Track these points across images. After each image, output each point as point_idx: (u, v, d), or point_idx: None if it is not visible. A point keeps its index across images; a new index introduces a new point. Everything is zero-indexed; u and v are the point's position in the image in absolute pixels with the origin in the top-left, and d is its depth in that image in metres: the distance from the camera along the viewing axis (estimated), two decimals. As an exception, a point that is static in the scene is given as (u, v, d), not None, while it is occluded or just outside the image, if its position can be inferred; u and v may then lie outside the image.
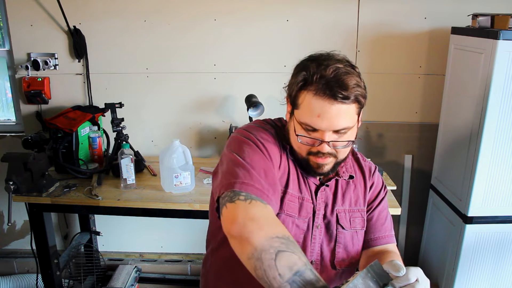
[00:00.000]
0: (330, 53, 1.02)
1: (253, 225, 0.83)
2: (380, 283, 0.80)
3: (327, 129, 0.97)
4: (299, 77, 0.98)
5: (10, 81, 2.57)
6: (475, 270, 2.14)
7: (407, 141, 2.52)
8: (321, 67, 0.95)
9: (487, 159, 1.95)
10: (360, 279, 0.79)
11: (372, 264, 0.81)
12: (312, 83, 0.95)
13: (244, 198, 0.89)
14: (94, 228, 2.65)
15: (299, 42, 2.37)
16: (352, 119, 0.98)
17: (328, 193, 1.13)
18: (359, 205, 1.17)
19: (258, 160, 0.98)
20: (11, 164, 1.89)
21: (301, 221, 1.09)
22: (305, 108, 0.97)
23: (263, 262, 0.78)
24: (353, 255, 1.16)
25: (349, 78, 0.95)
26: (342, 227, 1.13)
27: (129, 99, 2.43)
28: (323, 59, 0.98)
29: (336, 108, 0.94)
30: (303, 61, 1.03)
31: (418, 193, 2.58)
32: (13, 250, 2.82)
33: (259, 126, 1.11)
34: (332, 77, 0.94)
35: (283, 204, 1.06)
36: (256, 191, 0.92)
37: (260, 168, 0.97)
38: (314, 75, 0.95)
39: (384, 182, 1.25)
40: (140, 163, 2.29)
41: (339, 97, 0.93)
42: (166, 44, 2.41)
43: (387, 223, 1.20)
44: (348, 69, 0.97)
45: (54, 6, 2.31)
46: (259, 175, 0.95)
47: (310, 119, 0.97)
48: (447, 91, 2.27)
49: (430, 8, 2.30)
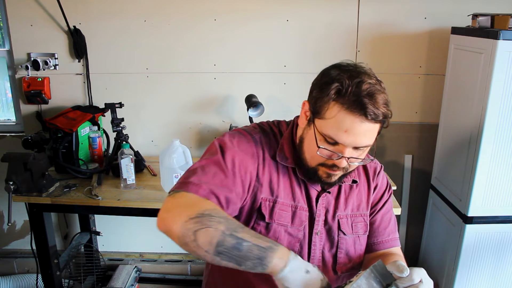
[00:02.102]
0: (358, 65, 0.97)
1: (170, 216, 0.88)
2: (384, 283, 0.80)
3: (350, 145, 0.94)
4: (331, 87, 0.93)
5: (10, 81, 2.57)
6: (475, 270, 2.14)
7: (407, 141, 2.52)
8: (355, 81, 0.91)
9: (487, 159, 1.95)
10: (364, 279, 0.79)
11: (376, 264, 0.81)
12: (346, 96, 0.91)
13: (171, 194, 0.93)
14: (94, 228, 2.65)
15: (299, 42, 2.37)
16: (374, 137, 0.97)
17: (330, 199, 1.11)
18: (361, 210, 1.15)
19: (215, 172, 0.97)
20: (11, 164, 1.89)
21: (295, 230, 1.07)
22: (333, 121, 0.93)
23: (189, 246, 0.84)
24: (355, 260, 1.15)
25: (381, 96, 0.92)
26: (343, 233, 1.11)
27: (129, 99, 2.43)
28: (355, 72, 0.94)
29: (365, 126, 0.92)
30: (330, 70, 0.97)
31: (418, 193, 2.58)
32: (13, 250, 2.82)
33: (245, 133, 1.08)
34: (366, 94, 0.91)
35: (273, 213, 1.05)
36: (187, 186, 0.93)
37: (212, 174, 0.97)
38: (348, 88, 0.91)
39: (389, 183, 1.23)
40: (140, 163, 2.29)
41: (370, 116, 0.90)
42: (166, 44, 2.41)
43: (391, 226, 1.18)
44: (380, 87, 0.94)
45: (54, 6, 2.31)
46: (203, 175, 0.96)
47: (336, 132, 0.93)
48: (447, 91, 2.27)
49: (430, 8, 2.30)
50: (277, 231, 1.06)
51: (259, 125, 1.14)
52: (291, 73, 2.41)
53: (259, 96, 2.28)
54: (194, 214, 0.84)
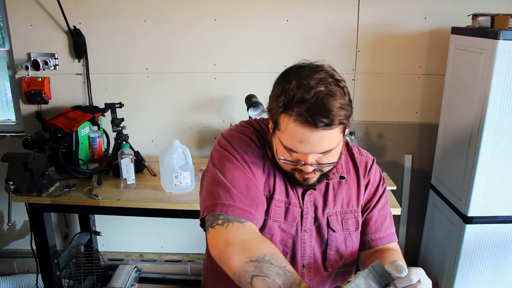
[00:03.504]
0: (313, 65, 0.95)
1: (230, 250, 0.90)
2: (382, 283, 0.80)
3: (309, 152, 0.93)
4: (279, 100, 0.91)
5: (10, 81, 2.57)
6: (475, 270, 2.14)
7: (407, 141, 2.52)
8: (302, 89, 0.88)
9: (487, 159, 1.95)
10: (362, 279, 0.79)
11: (374, 264, 0.81)
12: (292, 108, 0.89)
13: (222, 222, 0.95)
14: (94, 228, 2.65)
15: (299, 42, 2.37)
16: (336, 140, 0.94)
17: (318, 196, 1.10)
18: (351, 206, 1.13)
19: (239, 177, 1.00)
20: (11, 164, 1.89)
21: (287, 226, 1.07)
22: (287, 133, 0.92)
23: (243, 285, 0.87)
24: (346, 257, 1.14)
25: (332, 101, 0.88)
26: (333, 230, 1.11)
27: (129, 99, 2.43)
28: (304, 76, 0.90)
29: (318, 134, 0.89)
30: (283, 75, 0.95)
31: (418, 193, 2.58)
32: (13, 250, 2.82)
33: (241, 133, 1.08)
34: (313, 102, 0.87)
35: (270, 210, 1.05)
36: (237, 211, 0.96)
37: (241, 185, 0.99)
38: (293, 98, 0.88)
39: (383, 176, 1.21)
40: (140, 163, 2.29)
41: (320, 125, 0.87)
42: (166, 44, 2.41)
43: (387, 221, 1.17)
44: (331, 89, 0.89)
45: (54, 6, 2.31)
46: (240, 192, 0.98)
47: (292, 143, 0.93)
48: (447, 91, 2.27)
49: (430, 8, 2.29)
50: (272, 227, 1.06)
51: (249, 123, 1.13)
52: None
53: (259, 96, 2.28)
54: (254, 256, 0.88)
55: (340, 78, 0.93)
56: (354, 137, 2.22)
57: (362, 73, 2.41)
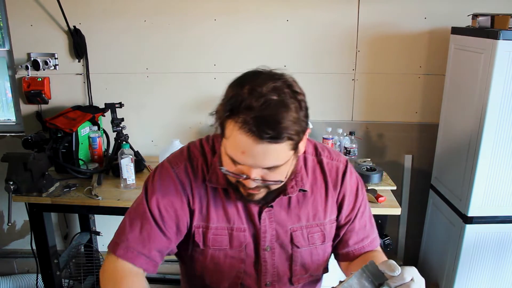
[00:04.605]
0: (271, 72, 0.88)
1: (101, 283, 0.99)
2: (376, 283, 0.80)
3: (253, 166, 0.86)
4: (228, 103, 0.83)
5: (10, 81, 2.57)
6: (475, 270, 2.14)
7: (407, 141, 2.52)
8: (253, 95, 0.81)
9: (487, 159, 1.95)
10: (355, 279, 0.79)
11: (367, 264, 0.81)
12: (239, 114, 0.81)
13: (108, 255, 1.02)
14: (94, 228, 2.65)
15: (299, 42, 2.37)
16: (284, 157, 0.86)
17: (278, 211, 1.04)
18: (318, 219, 1.07)
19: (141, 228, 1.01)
20: (11, 164, 1.89)
21: (235, 252, 1.04)
22: (231, 140, 0.85)
23: None
24: (312, 270, 1.11)
25: (282, 113, 0.80)
26: (297, 246, 1.06)
27: (129, 99, 2.43)
28: (258, 83, 0.83)
29: (263, 147, 0.81)
30: (238, 80, 0.88)
31: (418, 193, 2.58)
32: (13, 250, 2.82)
33: (171, 166, 1.04)
34: (261, 110, 0.79)
35: (207, 240, 1.03)
36: (117, 249, 1.00)
37: (136, 229, 1.01)
38: (241, 103, 0.81)
39: (359, 179, 1.13)
40: (140, 163, 2.29)
41: (265, 137, 0.80)
42: (166, 44, 2.41)
43: (368, 227, 1.12)
44: (285, 100, 0.81)
45: (54, 6, 2.31)
46: (130, 232, 1.01)
47: (234, 153, 0.86)
48: (447, 91, 2.27)
49: (430, 8, 2.29)
50: (214, 256, 1.04)
51: (189, 148, 1.07)
52: (291, 73, 2.40)
53: (259, 96, 2.28)
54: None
55: (299, 91, 0.86)
56: (354, 137, 2.22)
57: (362, 73, 2.41)
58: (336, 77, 2.41)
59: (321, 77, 2.41)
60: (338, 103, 2.46)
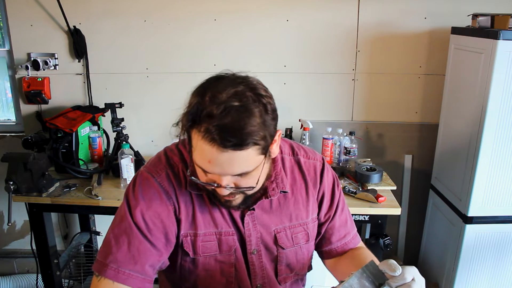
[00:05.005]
0: (234, 76, 0.86)
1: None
2: (376, 283, 0.80)
3: (221, 174, 0.85)
4: (189, 113, 0.83)
5: (10, 81, 2.57)
6: (475, 270, 2.14)
7: (407, 141, 2.52)
8: (213, 103, 0.79)
9: (487, 159, 1.95)
10: (356, 279, 0.79)
11: (368, 264, 0.81)
12: (201, 122, 0.80)
13: (96, 278, 0.94)
14: (94, 228, 2.65)
15: (299, 42, 2.37)
16: (253, 163, 0.85)
17: (260, 214, 1.03)
18: (300, 219, 1.07)
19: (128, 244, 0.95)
20: (11, 164, 1.89)
21: (225, 256, 1.03)
22: (197, 150, 0.84)
23: None
24: (298, 270, 1.11)
25: (244, 119, 0.79)
26: (282, 247, 1.06)
27: (129, 99, 2.43)
28: (219, 90, 0.81)
29: (228, 155, 0.80)
30: (200, 86, 0.87)
31: (418, 193, 2.58)
32: (13, 250, 2.82)
33: (149, 174, 1.00)
34: (222, 118, 0.78)
35: (196, 247, 1.01)
36: (105, 271, 0.93)
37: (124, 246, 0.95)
38: (203, 112, 0.80)
39: (335, 175, 1.14)
40: (140, 163, 2.28)
41: (228, 146, 0.79)
42: (166, 44, 2.41)
43: (349, 224, 1.14)
44: (247, 105, 0.80)
45: (54, 6, 2.31)
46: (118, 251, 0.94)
47: (201, 163, 0.85)
48: (447, 91, 2.27)
49: (430, 8, 2.30)
50: (205, 263, 1.02)
51: (166, 154, 1.04)
52: (291, 73, 2.41)
53: (259, 96, 2.28)
54: None
55: (264, 93, 0.84)
56: (354, 137, 2.22)
57: (362, 73, 2.41)
58: (336, 77, 2.41)
59: (321, 77, 2.41)
60: (338, 103, 2.46)
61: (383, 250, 1.96)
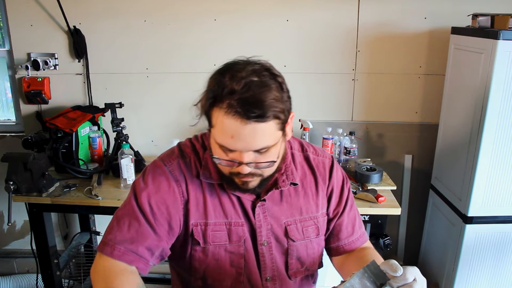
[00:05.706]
0: (248, 60, 0.92)
1: (92, 280, 0.96)
2: (377, 283, 0.80)
3: (244, 149, 0.88)
4: (209, 92, 0.88)
5: (10, 81, 2.57)
6: (475, 270, 2.14)
7: (407, 141, 2.52)
8: (234, 80, 0.85)
9: (487, 159, 1.95)
10: (357, 279, 0.79)
11: (369, 264, 0.81)
12: (223, 99, 0.85)
13: (98, 255, 0.98)
14: (94, 228, 2.65)
15: (299, 42, 2.37)
16: (273, 137, 0.89)
17: (271, 206, 1.06)
18: (311, 213, 1.09)
19: (129, 226, 0.98)
20: (11, 164, 1.89)
21: (234, 246, 1.04)
22: (218, 128, 0.88)
23: None
24: (308, 264, 1.12)
25: (264, 92, 0.84)
26: (292, 240, 1.07)
27: (129, 99, 2.43)
28: (238, 70, 0.87)
29: (251, 127, 0.84)
30: (218, 70, 0.92)
31: (418, 193, 2.58)
32: (13, 250, 2.82)
33: (163, 164, 1.04)
34: (243, 92, 0.83)
35: (207, 236, 1.02)
36: (105, 248, 0.97)
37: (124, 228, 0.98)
38: (224, 90, 0.84)
39: (345, 174, 1.16)
40: (140, 163, 2.29)
41: (252, 116, 0.83)
42: (166, 44, 2.41)
43: (357, 222, 1.15)
44: (265, 81, 0.85)
45: (54, 6, 2.31)
46: (118, 231, 0.98)
47: (223, 139, 0.88)
48: (447, 91, 2.27)
49: (430, 8, 2.29)
50: (215, 252, 1.04)
51: (179, 147, 1.09)
52: (291, 73, 2.41)
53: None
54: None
55: (277, 73, 0.90)
56: (354, 137, 2.22)
57: (362, 73, 2.41)
58: (336, 77, 2.41)
59: (321, 77, 2.41)
60: (338, 103, 2.46)
61: (383, 250, 1.96)
